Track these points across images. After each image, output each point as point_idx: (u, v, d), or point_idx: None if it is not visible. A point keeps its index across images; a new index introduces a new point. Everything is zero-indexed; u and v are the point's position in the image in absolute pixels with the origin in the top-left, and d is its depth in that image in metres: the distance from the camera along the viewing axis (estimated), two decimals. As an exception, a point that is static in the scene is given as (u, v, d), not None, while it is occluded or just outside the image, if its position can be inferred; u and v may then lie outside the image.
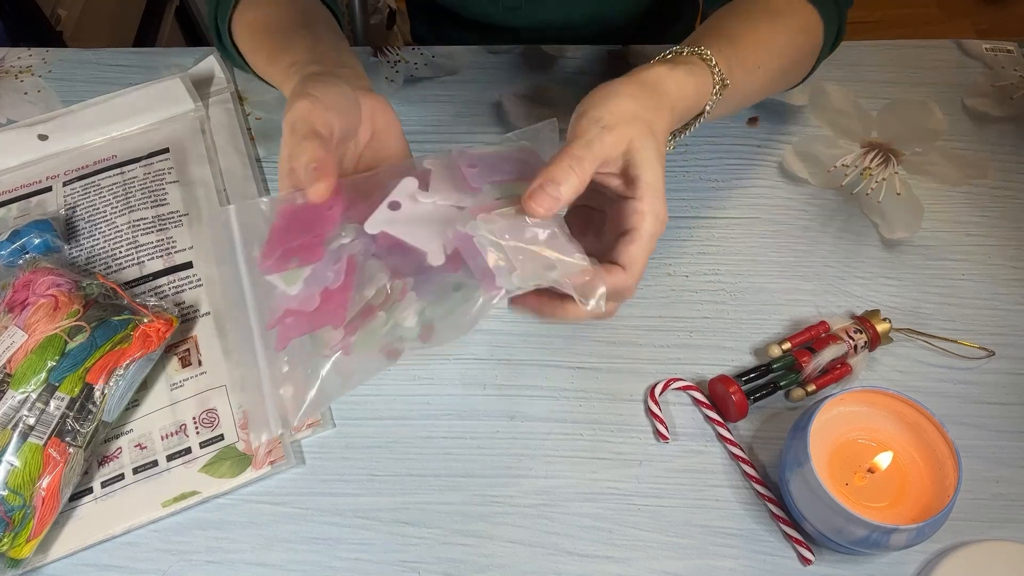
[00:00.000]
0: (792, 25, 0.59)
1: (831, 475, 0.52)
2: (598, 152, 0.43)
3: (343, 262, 0.43)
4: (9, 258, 0.62)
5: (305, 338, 0.42)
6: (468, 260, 0.42)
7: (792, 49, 0.60)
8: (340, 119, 0.45)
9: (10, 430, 0.52)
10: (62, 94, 0.77)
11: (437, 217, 0.44)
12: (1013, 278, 0.65)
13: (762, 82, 0.58)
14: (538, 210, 0.42)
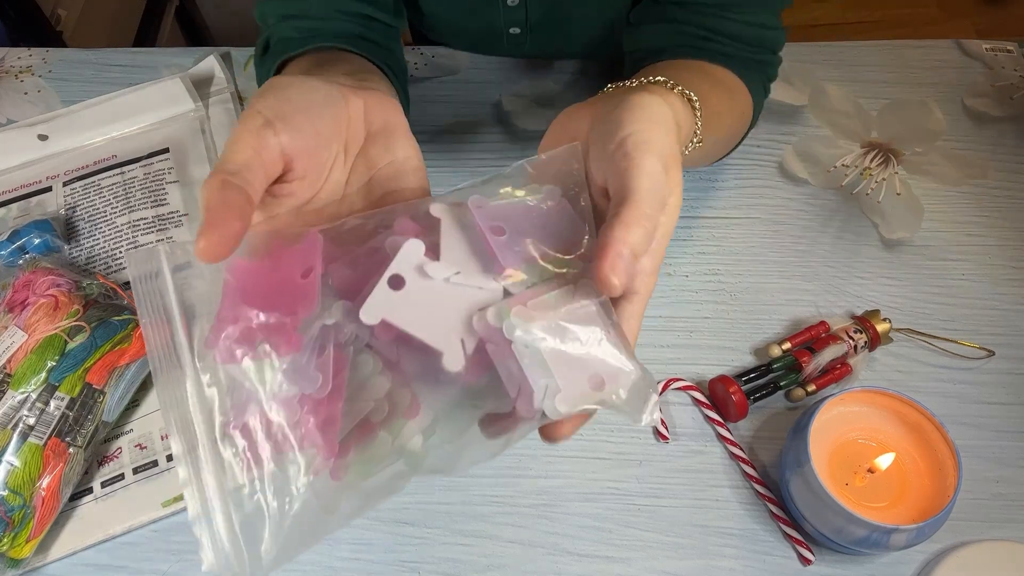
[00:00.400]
0: (739, 105, 0.58)
1: (831, 475, 0.52)
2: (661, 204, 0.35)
3: (328, 356, 0.31)
4: (9, 258, 0.62)
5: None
6: (500, 369, 0.32)
7: (735, 128, 0.59)
8: (299, 136, 0.35)
9: (10, 430, 0.52)
10: (62, 94, 0.77)
11: (453, 299, 0.32)
12: (1013, 278, 0.65)
13: (708, 155, 0.58)
14: (616, 285, 0.32)
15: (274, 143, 0.34)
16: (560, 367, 0.32)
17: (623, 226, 0.32)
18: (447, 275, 0.32)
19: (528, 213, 0.35)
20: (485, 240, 0.33)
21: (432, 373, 0.32)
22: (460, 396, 0.32)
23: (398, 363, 0.32)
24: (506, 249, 0.33)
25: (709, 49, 0.57)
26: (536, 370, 0.31)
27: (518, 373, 0.31)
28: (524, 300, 0.32)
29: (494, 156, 0.71)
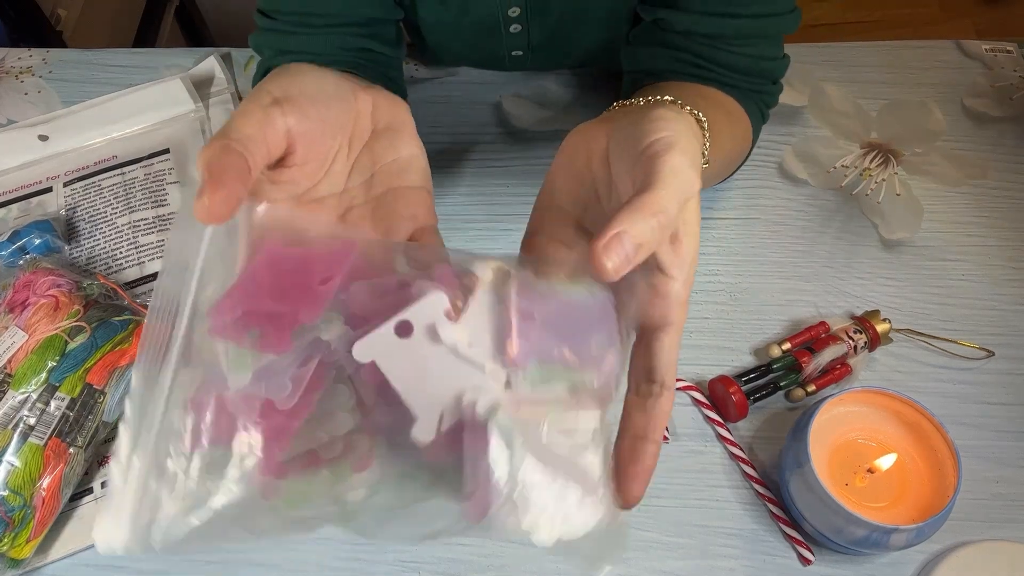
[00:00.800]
0: (740, 132, 0.57)
1: (831, 475, 0.52)
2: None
3: (307, 370, 0.30)
4: (9, 258, 0.62)
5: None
6: (467, 460, 0.29)
7: (735, 153, 0.58)
8: (305, 121, 0.35)
9: (10, 430, 0.52)
10: (62, 94, 0.77)
11: (452, 369, 0.30)
12: (1013, 278, 0.65)
13: (711, 178, 0.57)
14: (608, 268, 0.29)
15: (280, 123, 0.33)
16: (532, 491, 0.29)
17: (631, 211, 0.30)
18: (456, 343, 0.30)
19: (568, 309, 0.32)
20: (509, 322, 0.31)
21: (398, 433, 0.30)
22: (415, 468, 0.31)
23: (371, 409, 0.31)
24: (527, 340, 0.31)
25: (706, 77, 0.57)
26: (503, 480, 0.29)
27: (483, 474, 0.29)
28: (521, 402, 0.30)
29: (494, 156, 0.71)
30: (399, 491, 0.31)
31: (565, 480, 0.30)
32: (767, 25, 0.56)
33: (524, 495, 0.29)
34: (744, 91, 0.58)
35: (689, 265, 0.33)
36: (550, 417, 0.31)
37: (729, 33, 0.56)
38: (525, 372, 0.31)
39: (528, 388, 0.31)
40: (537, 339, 0.31)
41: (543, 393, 0.31)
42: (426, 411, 0.30)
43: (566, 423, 0.31)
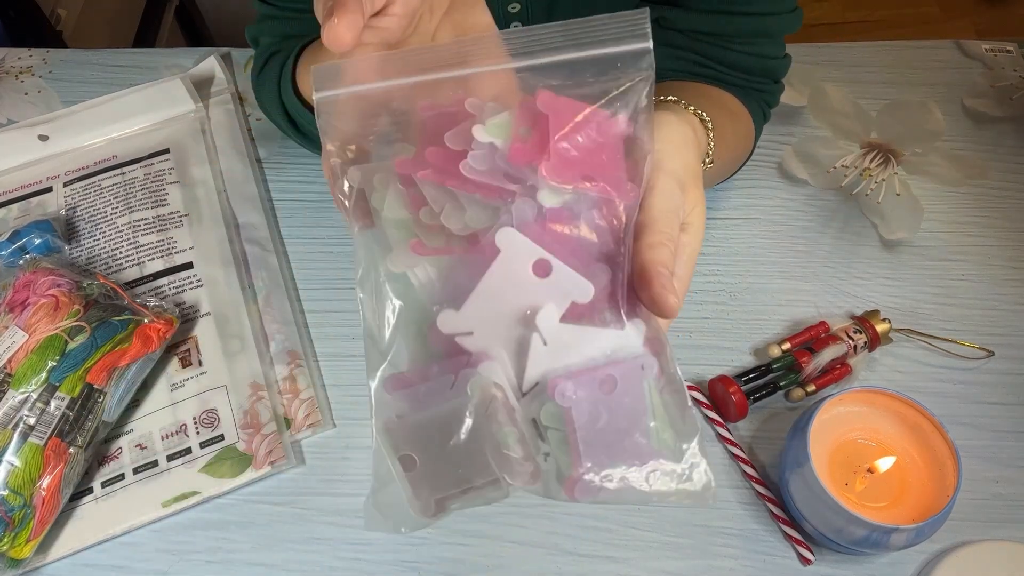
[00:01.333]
0: (743, 131, 0.58)
1: (831, 475, 0.52)
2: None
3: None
4: (10, 258, 0.62)
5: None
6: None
7: (739, 152, 0.59)
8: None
9: (10, 430, 0.52)
10: (62, 94, 0.77)
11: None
12: (1013, 278, 0.65)
13: (715, 177, 0.58)
14: (674, 304, 0.30)
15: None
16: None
17: (651, 248, 0.31)
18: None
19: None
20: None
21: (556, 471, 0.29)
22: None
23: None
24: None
25: (708, 76, 0.57)
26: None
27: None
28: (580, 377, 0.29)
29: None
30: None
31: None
32: (769, 24, 0.56)
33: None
34: (746, 90, 0.58)
35: (684, 263, 0.35)
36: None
37: (731, 31, 0.56)
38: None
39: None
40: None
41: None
42: (595, 474, 0.29)
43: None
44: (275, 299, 0.63)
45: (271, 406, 0.58)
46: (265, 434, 0.57)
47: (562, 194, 0.29)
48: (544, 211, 0.29)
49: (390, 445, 0.29)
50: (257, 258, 0.65)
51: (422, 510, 0.30)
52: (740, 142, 0.58)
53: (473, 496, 0.30)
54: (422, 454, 0.29)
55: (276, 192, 0.70)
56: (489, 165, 0.29)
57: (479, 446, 0.28)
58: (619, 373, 0.29)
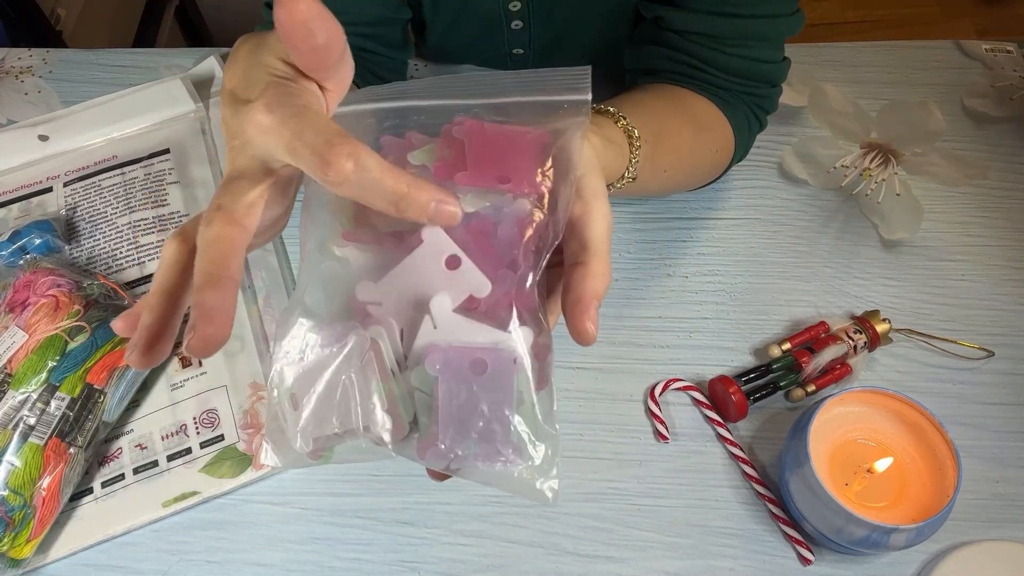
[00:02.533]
0: (711, 142, 0.58)
1: (831, 475, 0.52)
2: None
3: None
4: (10, 258, 0.62)
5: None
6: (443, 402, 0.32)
7: (705, 164, 0.59)
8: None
9: (10, 430, 0.52)
10: (62, 94, 0.77)
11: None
12: (1013, 278, 0.65)
13: (661, 187, 0.58)
14: (593, 334, 0.33)
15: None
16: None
17: (593, 278, 0.33)
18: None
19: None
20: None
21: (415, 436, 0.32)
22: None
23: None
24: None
25: (699, 79, 0.57)
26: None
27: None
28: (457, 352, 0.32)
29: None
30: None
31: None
32: (766, 27, 0.56)
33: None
34: (735, 94, 0.58)
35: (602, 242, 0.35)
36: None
37: (725, 33, 0.56)
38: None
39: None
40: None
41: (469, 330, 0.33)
42: (449, 445, 0.32)
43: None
44: (275, 299, 0.63)
45: (271, 406, 0.58)
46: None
47: (482, 198, 0.33)
48: (470, 217, 0.33)
49: (283, 386, 0.33)
50: (257, 258, 0.65)
51: (302, 447, 0.33)
52: (705, 156, 0.58)
53: (353, 445, 0.33)
54: (306, 397, 0.32)
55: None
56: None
57: (350, 393, 0.32)
58: (491, 359, 0.32)
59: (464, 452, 0.32)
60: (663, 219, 0.67)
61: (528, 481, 0.33)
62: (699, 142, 0.57)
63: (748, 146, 0.62)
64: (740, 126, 0.59)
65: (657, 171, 0.53)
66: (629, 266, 0.65)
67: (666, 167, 0.54)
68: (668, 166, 0.54)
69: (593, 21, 0.67)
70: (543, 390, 0.33)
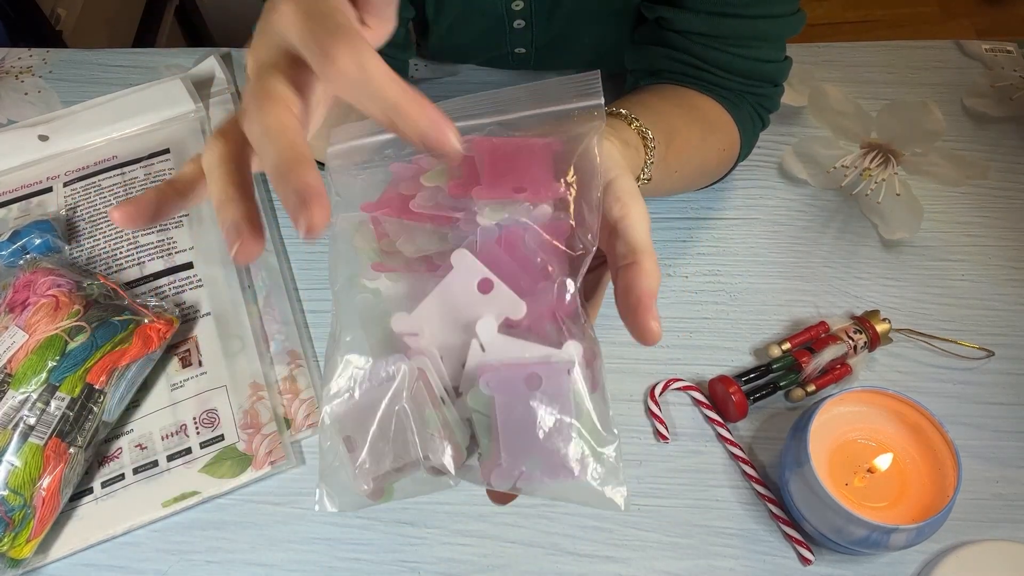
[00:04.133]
0: (718, 142, 0.58)
1: (831, 475, 0.52)
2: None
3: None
4: (10, 258, 0.62)
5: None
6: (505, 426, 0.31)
7: (711, 165, 0.60)
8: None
9: (10, 430, 0.52)
10: (62, 94, 0.77)
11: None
12: (1013, 278, 0.65)
13: (671, 188, 0.58)
14: (658, 332, 0.34)
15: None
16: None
17: (648, 276, 0.34)
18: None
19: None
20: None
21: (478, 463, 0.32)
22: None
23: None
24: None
25: (702, 79, 0.57)
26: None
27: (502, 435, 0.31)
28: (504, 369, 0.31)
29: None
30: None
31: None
32: (767, 27, 0.56)
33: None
34: (738, 94, 0.58)
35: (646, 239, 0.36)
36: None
37: (727, 33, 0.56)
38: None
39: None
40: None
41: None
42: (512, 463, 0.31)
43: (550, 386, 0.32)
44: (275, 299, 0.63)
45: (271, 406, 0.58)
46: (265, 434, 0.57)
47: (500, 210, 0.33)
48: (497, 231, 0.33)
49: (336, 428, 0.32)
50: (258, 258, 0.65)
51: (363, 490, 0.32)
52: (711, 155, 0.58)
53: (412, 478, 0.32)
54: (361, 435, 0.32)
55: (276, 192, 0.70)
56: (433, 202, 0.34)
57: (405, 424, 0.31)
58: (544, 373, 0.31)
59: (529, 469, 0.31)
60: (663, 219, 0.67)
61: (597, 490, 0.32)
62: (707, 142, 0.57)
63: (752, 145, 0.63)
64: (745, 125, 0.59)
65: (669, 172, 0.53)
66: (629, 266, 0.65)
67: (677, 168, 0.54)
68: (679, 167, 0.54)
69: (595, 20, 0.66)
70: (596, 394, 0.32)
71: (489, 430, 0.31)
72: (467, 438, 0.32)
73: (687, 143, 0.54)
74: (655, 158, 0.47)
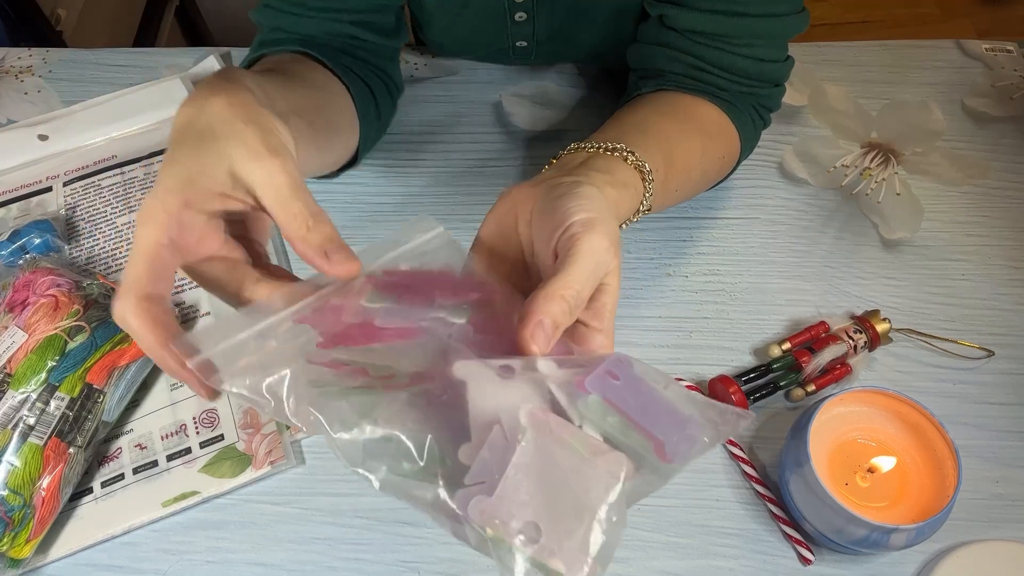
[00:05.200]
0: (718, 150, 0.58)
1: (831, 475, 0.52)
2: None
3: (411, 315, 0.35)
4: (9, 258, 0.62)
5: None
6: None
7: (712, 173, 0.60)
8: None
9: (10, 430, 0.52)
10: (62, 94, 0.77)
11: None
12: (1013, 278, 0.65)
13: (672, 203, 0.58)
14: (535, 351, 0.34)
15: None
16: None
17: (545, 298, 0.34)
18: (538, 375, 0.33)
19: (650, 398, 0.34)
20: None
21: (447, 433, 0.31)
22: (429, 463, 0.31)
23: (436, 396, 0.33)
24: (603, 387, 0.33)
25: (703, 80, 0.57)
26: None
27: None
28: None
29: (494, 156, 0.71)
30: (398, 457, 0.31)
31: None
32: (770, 26, 0.56)
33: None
34: (739, 95, 0.58)
35: (608, 317, 0.37)
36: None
37: (730, 32, 0.56)
38: (586, 402, 0.32)
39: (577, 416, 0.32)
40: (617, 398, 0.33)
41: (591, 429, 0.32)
42: (479, 440, 0.31)
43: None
44: (275, 299, 0.63)
45: (271, 406, 0.58)
46: (265, 434, 0.57)
47: (460, 309, 0.36)
48: (466, 329, 0.35)
49: (505, 526, 0.30)
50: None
51: (580, 571, 0.30)
52: (712, 163, 0.58)
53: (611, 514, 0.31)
54: (543, 511, 0.30)
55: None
56: (395, 318, 0.35)
57: (566, 478, 0.31)
58: (613, 366, 0.33)
59: (681, 436, 0.32)
60: (663, 219, 0.67)
61: (723, 429, 0.34)
62: (708, 154, 0.57)
63: (753, 145, 0.63)
64: (746, 128, 0.59)
65: (669, 192, 0.53)
66: (629, 266, 0.65)
67: (677, 186, 0.55)
68: (679, 185, 0.55)
69: (599, 17, 0.66)
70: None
71: (626, 425, 0.32)
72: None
73: (687, 160, 0.54)
74: (654, 187, 0.48)
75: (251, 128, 0.35)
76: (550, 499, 0.30)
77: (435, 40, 0.73)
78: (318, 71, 0.56)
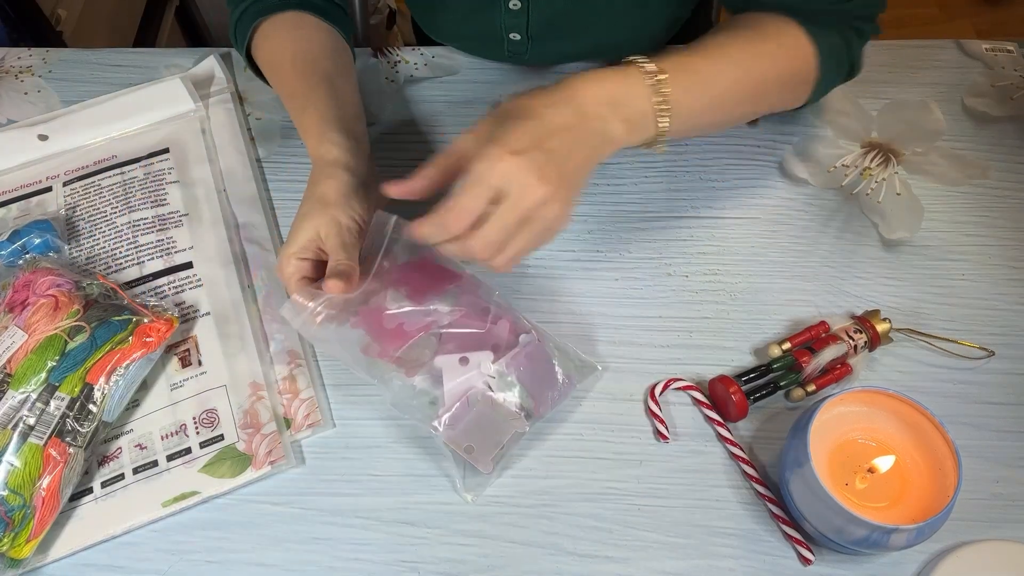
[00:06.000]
0: (774, 49, 0.58)
1: (831, 475, 0.52)
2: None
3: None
4: (9, 258, 0.62)
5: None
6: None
7: (771, 70, 0.58)
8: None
9: (10, 430, 0.52)
10: (62, 94, 0.77)
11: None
12: (1013, 278, 0.65)
13: (722, 93, 0.56)
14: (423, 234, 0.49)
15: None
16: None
17: (426, 219, 0.49)
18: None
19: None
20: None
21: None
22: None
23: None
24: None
25: (797, 9, 0.58)
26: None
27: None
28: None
29: (494, 156, 0.71)
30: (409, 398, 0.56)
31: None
32: None
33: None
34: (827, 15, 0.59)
35: (496, 226, 0.48)
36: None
37: None
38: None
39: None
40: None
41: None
42: (449, 403, 0.55)
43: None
44: (275, 299, 0.63)
45: (271, 406, 0.58)
46: (265, 434, 0.57)
47: (446, 297, 0.58)
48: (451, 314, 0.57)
49: (457, 444, 0.54)
50: (257, 258, 0.65)
51: (488, 470, 0.54)
52: (764, 62, 0.57)
53: (507, 444, 0.55)
54: (476, 440, 0.54)
55: (276, 192, 0.70)
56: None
57: (493, 417, 0.55)
58: (527, 346, 0.57)
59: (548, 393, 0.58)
60: (663, 219, 0.67)
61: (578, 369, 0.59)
62: (757, 45, 0.57)
63: (830, 81, 0.62)
64: (825, 46, 0.58)
65: (704, 78, 0.54)
66: (629, 266, 0.65)
67: (718, 72, 0.55)
68: (719, 79, 0.55)
69: (596, 10, 0.66)
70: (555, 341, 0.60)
71: (525, 394, 0.56)
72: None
73: (724, 52, 0.56)
74: (671, 83, 0.51)
75: (337, 211, 0.56)
76: (482, 434, 0.54)
77: (426, 23, 0.73)
78: (324, 33, 0.66)
